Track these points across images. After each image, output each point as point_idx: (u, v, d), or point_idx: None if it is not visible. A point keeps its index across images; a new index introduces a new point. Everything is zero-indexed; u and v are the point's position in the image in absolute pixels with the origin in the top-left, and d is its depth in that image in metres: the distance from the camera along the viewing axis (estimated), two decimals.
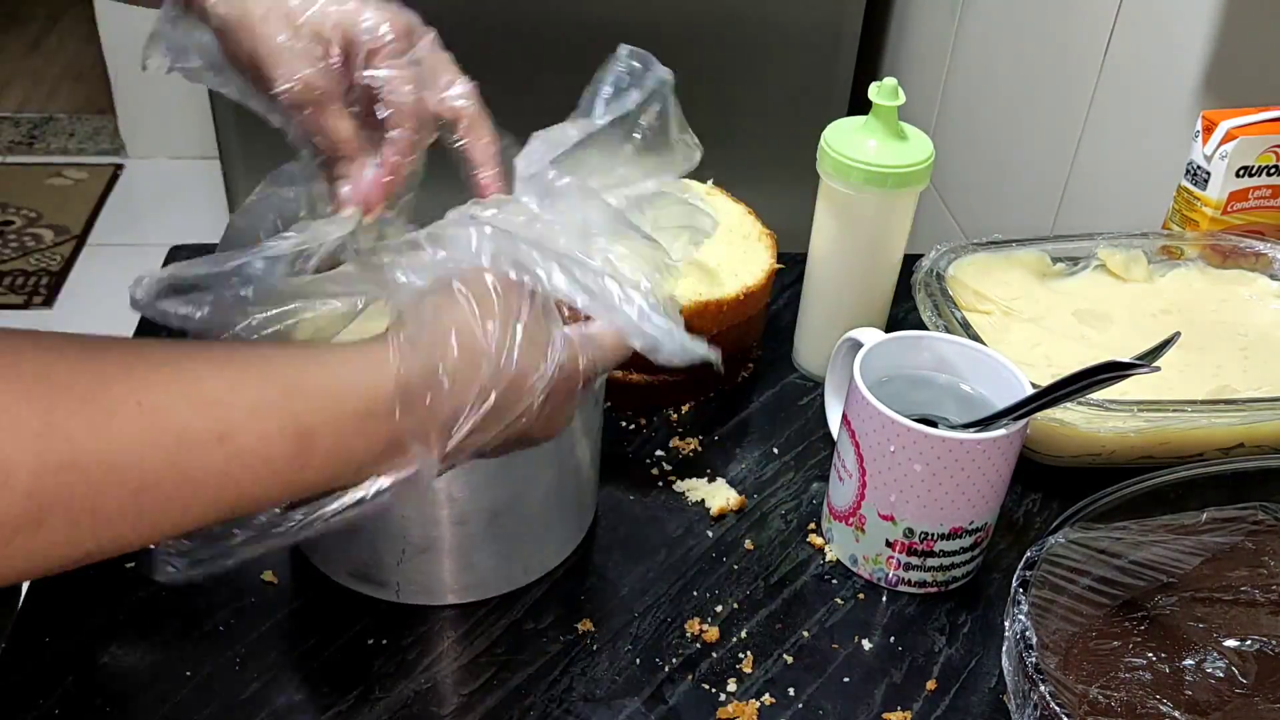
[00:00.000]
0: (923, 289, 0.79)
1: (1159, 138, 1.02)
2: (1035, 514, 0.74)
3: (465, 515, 0.61)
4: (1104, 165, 1.12)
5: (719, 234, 0.85)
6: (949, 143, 1.48)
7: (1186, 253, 0.86)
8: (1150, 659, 0.57)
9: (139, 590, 0.65)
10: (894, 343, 0.69)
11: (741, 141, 1.67)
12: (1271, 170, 0.83)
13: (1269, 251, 0.85)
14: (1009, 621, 0.56)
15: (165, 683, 0.60)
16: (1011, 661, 0.55)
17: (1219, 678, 0.56)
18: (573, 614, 0.65)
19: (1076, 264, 0.86)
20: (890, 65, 1.69)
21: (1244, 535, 0.64)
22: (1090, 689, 0.55)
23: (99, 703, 0.59)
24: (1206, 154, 0.83)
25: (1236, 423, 0.71)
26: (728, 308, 0.79)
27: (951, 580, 0.67)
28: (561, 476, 0.64)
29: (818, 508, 0.73)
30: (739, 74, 1.62)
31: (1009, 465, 0.64)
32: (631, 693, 0.61)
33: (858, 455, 0.65)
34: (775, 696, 0.61)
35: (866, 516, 0.66)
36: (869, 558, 0.68)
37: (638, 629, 0.65)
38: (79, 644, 0.62)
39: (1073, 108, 1.15)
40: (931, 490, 0.63)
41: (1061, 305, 0.84)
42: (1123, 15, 1.07)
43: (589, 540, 0.70)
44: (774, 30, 1.59)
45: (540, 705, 0.60)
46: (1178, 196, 0.87)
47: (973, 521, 0.65)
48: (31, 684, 0.59)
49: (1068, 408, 0.68)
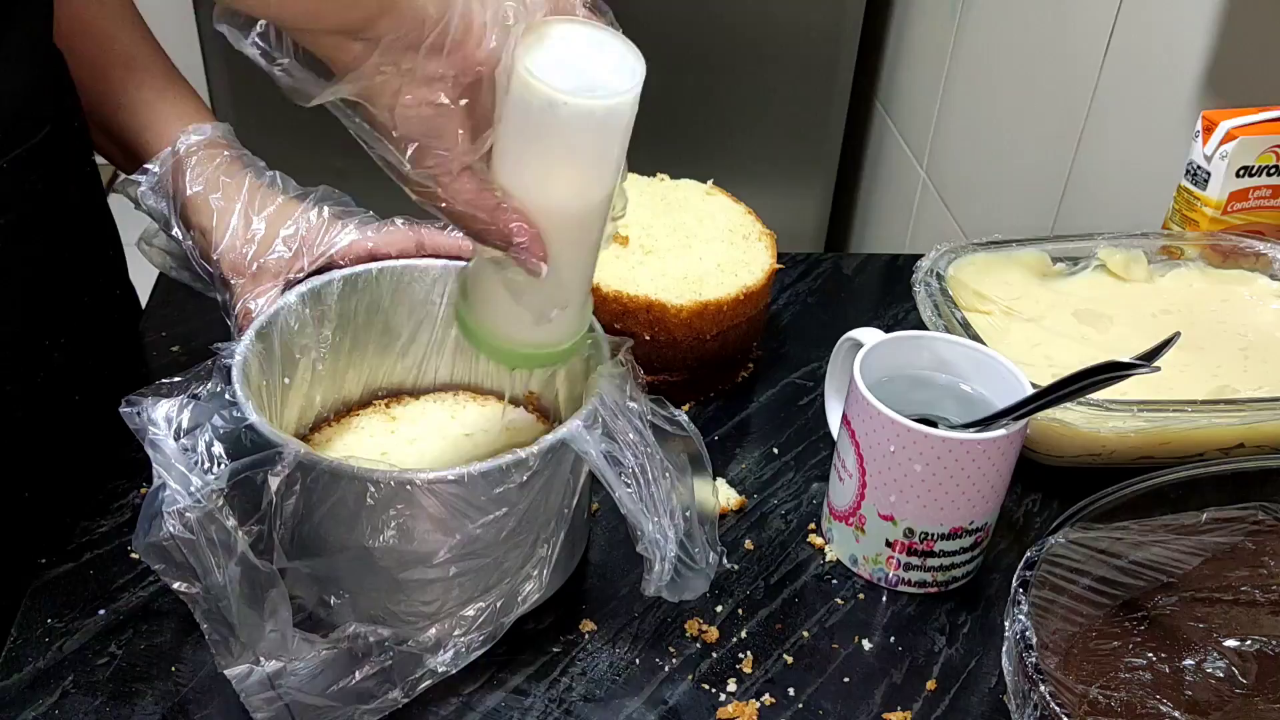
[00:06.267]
0: (923, 289, 0.79)
1: (1159, 138, 1.02)
2: (1035, 514, 0.74)
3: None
4: (1104, 165, 1.12)
5: (719, 234, 0.85)
6: (949, 143, 1.48)
7: (1186, 253, 0.86)
8: (1150, 659, 0.57)
9: (139, 590, 0.65)
10: (894, 343, 0.69)
11: (741, 141, 1.67)
12: (1271, 170, 0.83)
13: (1269, 251, 0.85)
14: (1009, 621, 0.56)
15: (165, 682, 0.60)
16: (1011, 661, 0.55)
17: (1219, 678, 0.56)
18: (573, 614, 0.65)
19: (1076, 264, 0.87)
20: (890, 65, 1.69)
21: (1244, 535, 0.64)
22: (1090, 689, 0.55)
23: (99, 703, 0.59)
24: (1206, 154, 0.83)
25: (1236, 423, 0.71)
26: (728, 308, 0.79)
27: (951, 580, 0.67)
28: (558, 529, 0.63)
29: (818, 508, 0.74)
30: (739, 74, 1.62)
31: (1009, 465, 0.64)
32: (631, 693, 0.61)
33: (858, 455, 0.65)
34: (775, 696, 0.61)
35: (866, 516, 0.66)
36: (869, 558, 0.68)
37: (638, 629, 0.65)
38: (79, 644, 0.62)
39: (1073, 108, 1.15)
40: (931, 490, 0.63)
41: (1061, 305, 0.84)
42: (1123, 15, 1.07)
43: (589, 541, 0.70)
44: (774, 30, 1.59)
45: (540, 705, 0.60)
46: (1178, 196, 0.87)
47: (973, 521, 0.65)
48: (31, 684, 0.59)
49: (1068, 408, 0.68)
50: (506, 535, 0.57)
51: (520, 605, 0.60)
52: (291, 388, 0.66)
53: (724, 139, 1.66)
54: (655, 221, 0.85)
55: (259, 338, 0.62)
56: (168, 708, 0.59)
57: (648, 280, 0.79)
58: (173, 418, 0.55)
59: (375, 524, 0.56)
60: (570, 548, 0.64)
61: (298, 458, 0.54)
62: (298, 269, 0.68)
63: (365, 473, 0.54)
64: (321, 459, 0.54)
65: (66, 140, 0.69)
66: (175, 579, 0.53)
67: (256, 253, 0.68)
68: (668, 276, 0.80)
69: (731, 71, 1.61)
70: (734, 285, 0.79)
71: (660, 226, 0.85)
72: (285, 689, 0.55)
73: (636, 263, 0.81)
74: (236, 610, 0.53)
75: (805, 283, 0.97)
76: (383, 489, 0.55)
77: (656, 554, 0.57)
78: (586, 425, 0.57)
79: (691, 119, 1.63)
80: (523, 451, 0.56)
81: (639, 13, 1.56)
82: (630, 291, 0.78)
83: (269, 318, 0.64)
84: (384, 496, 0.55)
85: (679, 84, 1.60)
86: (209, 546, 0.52)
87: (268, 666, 0.55)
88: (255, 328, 0.62)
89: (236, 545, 0.53)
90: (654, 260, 0.82)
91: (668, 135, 1.60)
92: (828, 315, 0.94)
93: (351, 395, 0.72)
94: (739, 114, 1.65)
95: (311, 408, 0.69)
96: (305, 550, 0.57)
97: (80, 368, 0.71)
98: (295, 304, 0.65)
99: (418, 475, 0.55)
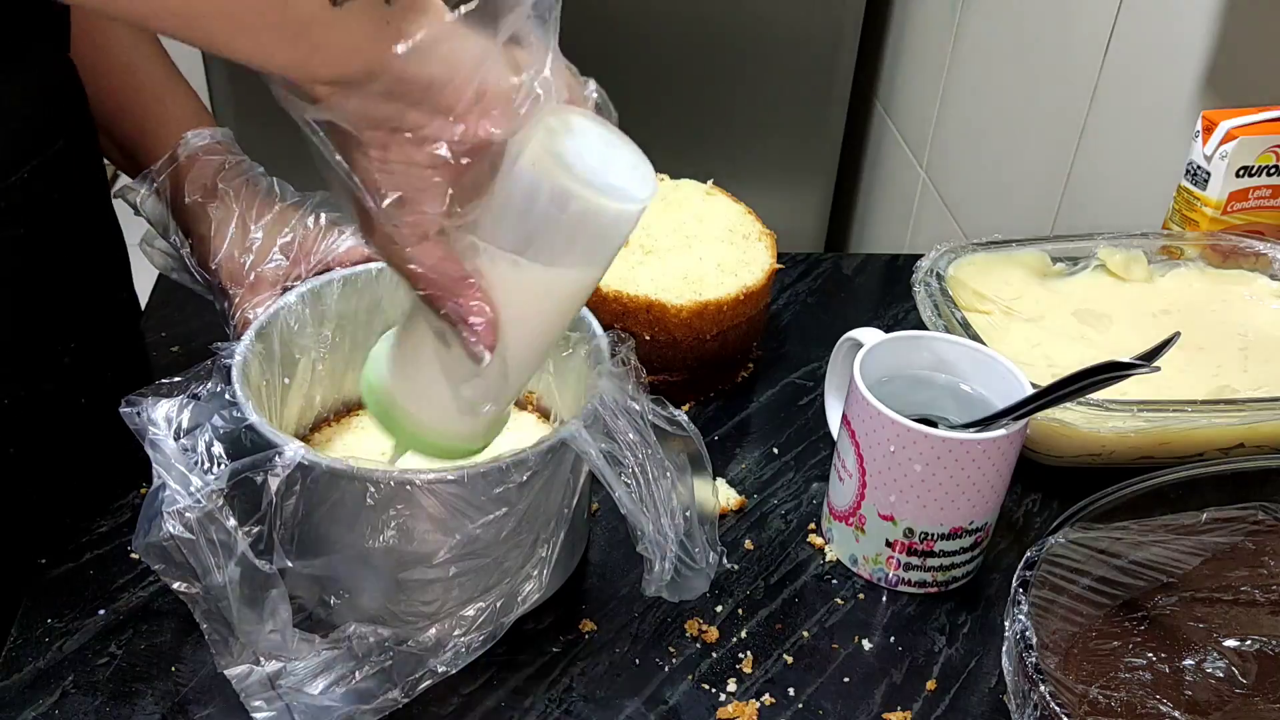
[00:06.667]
0: (923, 289, 0.79)
1: (1159, 138, 1.02)
2: (1035, 514, 0.74)
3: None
4: (1104, 165, 1.12)
5: (719, 234, 0.85)
6: (949, 143, 1.48)
7: (1186, 253, 0.86)
8: (1150, 659, 0.57)
9: (139, 590, 0.65)
10: (894, 343, 0.69)
11: (741, 141, 1.67)
12: (1271, 170, 0.83)
13: (1269, 251, 0.85)
14: (1009, 621, 0.56)
15: (165, 682, 0.60)
16: (1011, 661, 0.55)
17: (1219, 678, 0.56)
18: (573, 614, 0.65)
19: (1076, 264, 0.87)
20: (890, 65, 1.69)
21: (1244, 535, 0.64)
22: (1090, 689, 0.55)
23: (99, 703, 0.59)
24: (1206, 154, 0.83)
25: (1236, 423, 0.71)
26: (728, 308, 0.79)
27: (951, 580, 0.67)
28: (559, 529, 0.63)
29: (818, 508, 0.74)
30: (739, 74, 1.62)
31: (1009, 465, 0.64)
32: (631, 693, 0.61)
33: (858, 455, 0.65)
34: (775, 696, 0.61)
35: (866, 516, 0.66)
36: (869, 558, 0.68)
37: (638, 629, 0.65)
38: (79, 644, 0.62)
39: (1073, 108, 1.15)
40: (931, 490, 0.63)
41: (1061, 305, 0.84)
42: (1123, 15, 1.07)
43: (589, 541, 0.70)
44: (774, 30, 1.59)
45: (540, 705, 0.60)
46: (1178, 196, 0.87)
47: (973, 521, 0.65)
48: (31, 684, 0.59)
49: (1068, 408, 0.68)
50: (506, 535, 0.57)
51: (520, 605, 0.60)
52: (291, 388, 0.66)
53: (724, 139, 1.66)
54: (655, 221, 0.85)
55: (259, 338, 0.62)
56: (168, 708, 0.59)
57: (648, 280, 0.79)
58: (173, 418, 0.55)
59: (375, 524, 0.56)
60: (570, 548, 0.64)
61: (298, 458, 0.54)
62: (295, 276, 0.68)
63: (365, 473, 0.54)
64: (321, 459, 0.54)
65: (80, 151, 0.69)
66: (175, 579, 0.53)
67: (254, 262, 0.68)
68: (668, 276, 0.80)
69: (731, 72, 1.61)
70: (734, 285, 0.79)
71: (660, 226, 0.85)
72: (285, 689, 0.55)
73: (636, 263, 0.81)
74: (236, 610, 0.53)
75: (805, 283, 0.97)
76: (383, 489, 0.55)
77: (656, 554, 0.57)
78: (586, 425, 0.57)
79: (691, 119, 1.63)
80: (523, 451, 0.56)
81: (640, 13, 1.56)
82: (630, 291, 0.78)
83: (269, 318, 0.64)
84: (384, 496, 0.55)
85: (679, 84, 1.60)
86: (209, 547, 0.52)
87: (268, 666, 0.55)
88: (255, 328, 0.62)
89: (236, 545, 0.53)
90: (654, 260, 0.82)
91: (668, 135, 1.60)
92: (828, 315, 0.94)
93: (351, 395, 0.72)
94: (739, 114, 1.65)
95: (311, 408, 0.70)
96: (305, 550, 0.57)
97: (87, 372, 0.71)
98: (295, 304, 0.65)
99: (418, 475, 0.55)
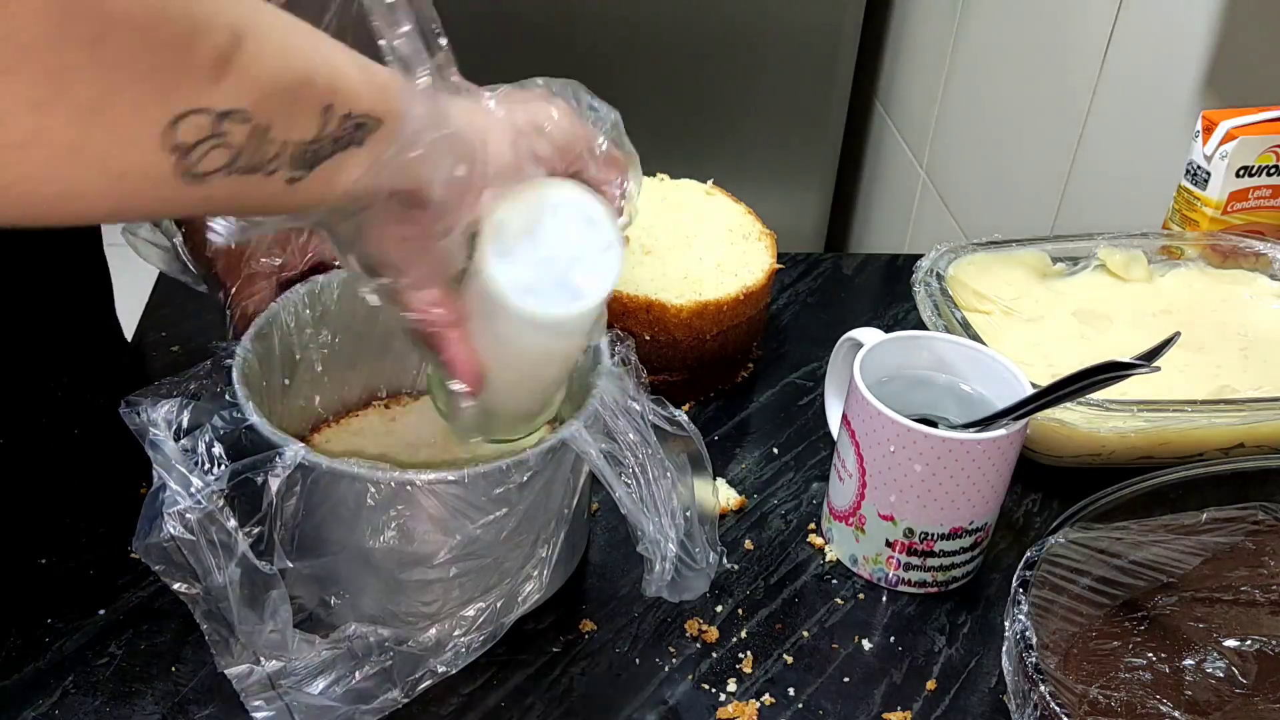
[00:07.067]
0: (923, 289, 0.79)
1: (1159, 138, 1.02)
2: (1035, 514, 0.74)
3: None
4: (1104, 165, 1.12)
5: (719, 234, 0.85)
6: (949, 143, 1.48)
7: (1186, 253, 0.87)
8: (1150, 659, 0.57)
9: (139, 590, 0.65)
10: (894, 343, 0.69)
11: (741, 141, 1.67)
12: (1271, 170, 0.83)
13: (1269, 251, 0.85)
14: (1009, 621, 0.56)
15: (165, 682, 0.60)
16: (1011, 661, 0.55)
17: (1219, 678, 0.56)
18: (573, 614, 0.65)
19: (1076, 264, 0.87)
20: (890, 65, 1.69)
21: (1244, 535, 0.64)
22: (1090, 689, 0.55)
23: (99, 703, 0.59)
24: (1206, 154, 0.83)
25: (1236, 423, 0.71)
26: (728, 308, 0.79)
27: (951, 580, 0.67)
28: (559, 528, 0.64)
29: (818, 508, 0.74)
30: (739, 75, 1.62)
31: (1009, 465, 0.64)
32: (631, 693, 0.61)
33: (858, 455, 0.65)
34: (775, 696, 0.61)
35: (866, 516, 0.66)
36: (869, 558, 0.68)
37: (638, 629, 0.65)
38: (79, 644, 0.62)
39: (1073, 108, 1.15)
40: (931, 490, 0.63)
41: (1061, 305, 0.84)
42: (1123, 15, 1.07)
43: (589, 541, 0.70)
44: (774, 31, 1.59)
45: (540, 705, 0.60)
46: (1178, 196, 0.87)
47: (973, 521, 0.65)
48: (31, 684, 0.59)
49: (1068, 408, 0.68)
50: (506, 535, 0.57)
51: (520, 605, 0.60)
52: (291, 388, 0.66)
53: (724, 139, 1.66)
54: (655, 221, 0.85)
55: (259, 338, 0.62)
56: (168, 708, 0.59)
57: (648, 280, 0.79)
58: (173, 418, 0.55)
59: (375, 525, 0.56)
60: (570, 548, 0.64)
61: (298, 458, 0.54)
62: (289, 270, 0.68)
63: (365, 473, 0.54)
64: (322, 460, 0.54)
65: None
66: (175, 580, 0.53)
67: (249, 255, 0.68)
68: (668, 276, 0.80)
69: (731, 71, 1.61)
70: (734, 285, 0.79)
71: (660, 226, 0.85)
72: (285, 689, 0.55)
73: (636, 263, 0.81)
74: (237, 611, 0.53)
75: (805, 283, 0.97)
76: (383, 489, 0.55)
77: (656, 554, 0.57)
78: (586, 425, 0.57)
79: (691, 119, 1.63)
80: (523, 452, 0.56)
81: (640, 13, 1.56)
82: (630, 291, 0.78)
83: (268, 318, 0.64)
84: (384, 497, 0.55)
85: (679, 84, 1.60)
86: (209, 547, 0.52)
87: (268, 666, 0.55)
88: (255, 328, 0.62)
89: (237, 546, 0.53)
90: (654, 260, 0.82)
91: (668, 135, 1.60)
92: (828, 315, 0.94)
93: (351, 396, 0.72)
94: (739, 114, 1.65)
95: (311, 408, 0.69)
96: (305, 551, 0.57)
97: (80, 402, 0.71)
98: (295, 304, 0.65)
99: (418, 476, 0.55)
